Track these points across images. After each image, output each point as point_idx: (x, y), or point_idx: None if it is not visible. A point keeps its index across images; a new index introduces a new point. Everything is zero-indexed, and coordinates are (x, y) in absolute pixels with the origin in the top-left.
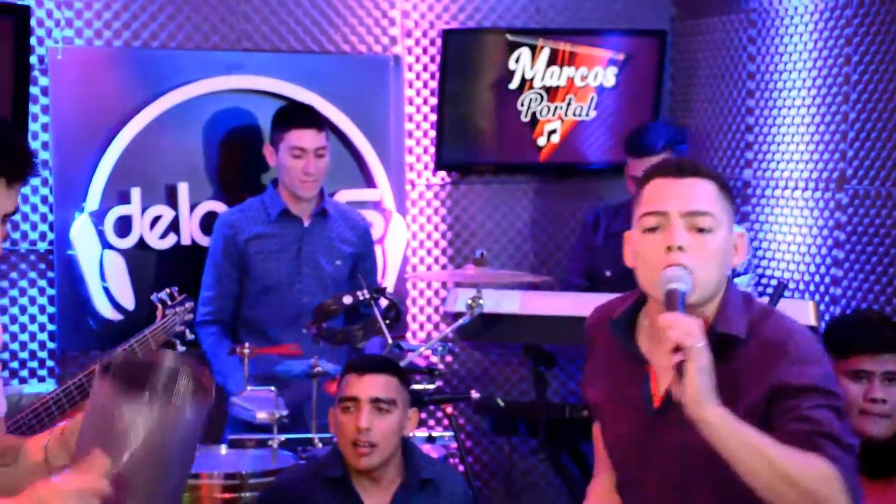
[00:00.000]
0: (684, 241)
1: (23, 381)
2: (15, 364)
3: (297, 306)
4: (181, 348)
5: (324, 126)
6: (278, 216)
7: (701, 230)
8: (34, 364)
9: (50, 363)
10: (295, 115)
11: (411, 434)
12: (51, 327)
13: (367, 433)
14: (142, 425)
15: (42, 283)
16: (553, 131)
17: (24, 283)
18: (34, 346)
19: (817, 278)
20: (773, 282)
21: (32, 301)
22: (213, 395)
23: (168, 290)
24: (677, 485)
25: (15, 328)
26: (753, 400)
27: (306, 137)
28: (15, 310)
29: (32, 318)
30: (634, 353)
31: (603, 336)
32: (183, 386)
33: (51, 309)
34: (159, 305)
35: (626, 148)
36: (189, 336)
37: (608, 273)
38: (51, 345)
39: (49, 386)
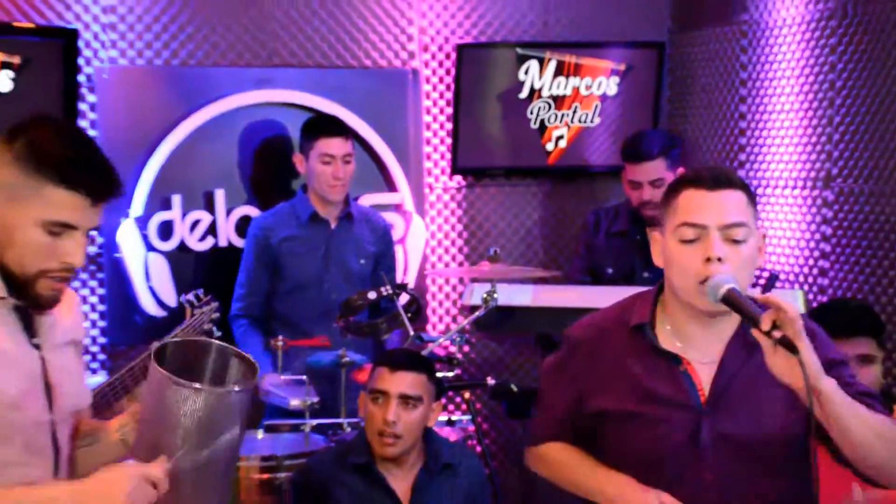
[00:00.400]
0: (723, 252)
1: None
2: None
3: (325, 302)
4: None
5: (350, 134)
6: (308, 219)
7: (736, 241)
8: (87, 357)
9: (101, 356)
10: (323, 125)
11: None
12: (101, 323)
13: (394, 426)
14: (194, 408)
15: (93, 283)
16: (560, 137)
17: (76, 284)
18: (87, 340)
19: (806, 269)
20: (766, 273)
21: (84, 300)
22: (258, 372)
23: (195, 293)
24: (732, 472)
25: None
26: None
27: (334, 145)
28: (81, 305)
29: (85, 316)
30: (666, 353)
31: (613, 345)
32: (231, 369)
33: (101, 307)
34: (188, 306)
35: (623, 154)
36: (217, 333)
37: (610, 270)
38: (101, 339)
39: (100, 377)
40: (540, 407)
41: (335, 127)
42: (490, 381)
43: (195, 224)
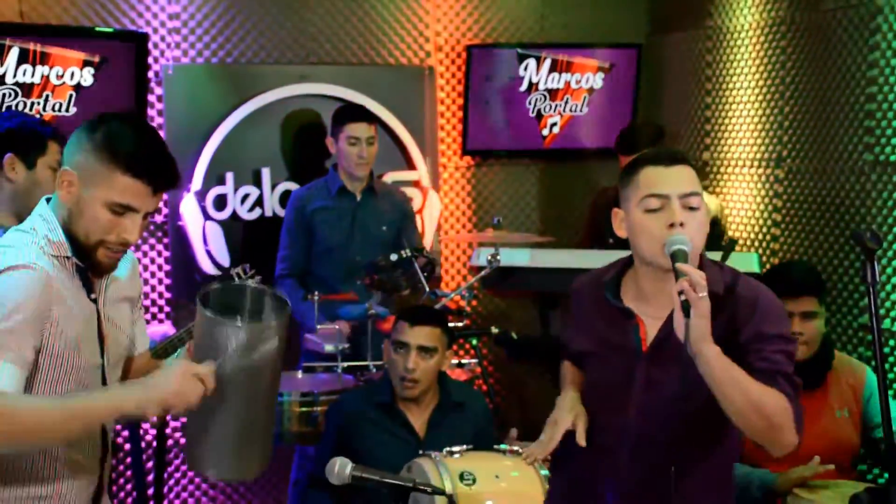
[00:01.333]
0: (683, 218)
1: (146, 323)
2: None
3: (351, 263)
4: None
5: (374, 120)
6: (337, 192)
7: (692, 208)
8: (155, 309)
9: (166, 309)
10: (351, 112)
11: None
12: (166, 281)
13: (413, 372)
14: (235, 339)
15: (160, 247)
16: (554, 124)
17: (146, 248)
18: (155, 295)
19: (760, 236)
20: (727, 238)
21: (152, 261)
22: (291, 308)
23: (243, 266)
24: (655, 414)
25: (139, 282)
26: (731, 344)
27: (360, 129)
28: (139, 268)
29: (153, 275)
30: (623, 308)
31: (589, 297)
32: (266, 305)
33: (166, 267)
34: (235, 277)
35: (617, 146)
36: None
37: (611, 241)
38: (167, 295)
39: (165, 326)
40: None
41: (361, 113)
42: (494, 330)
43: (245, 197)
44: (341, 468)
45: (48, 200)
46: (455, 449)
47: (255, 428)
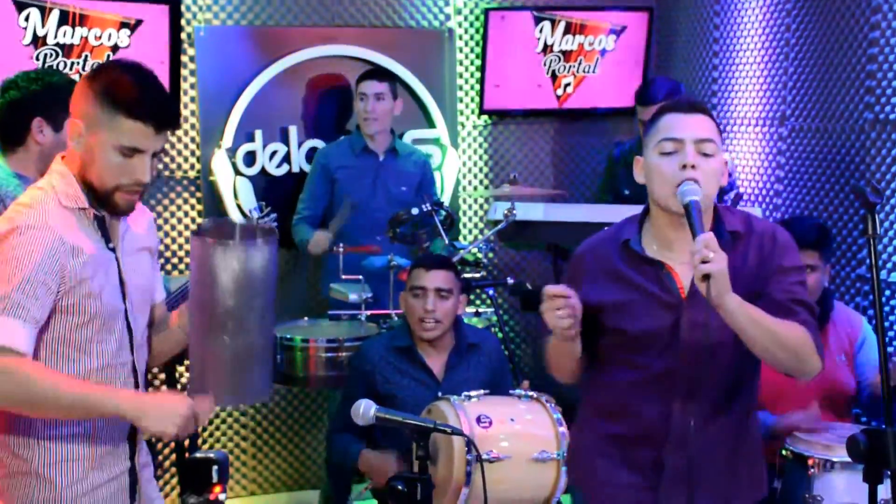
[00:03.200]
0: (696, 161)
1: (181, 272)
2: (175, 260)
3: (372, 218)
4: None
5: (385, 78)
6: (360, 151)
7: (706, 154)
8: (189, 259)
9: None
10: (364, 72)
11: (462, 311)
12: None
13: (432, 314)
14: (227, 263)
15: (192, 201)
16: (568, 84)
17: (180, 202)
18: (188, 246)
19: (764, 191)
20: (733, 193)
21: (186, 214)
22: (278, 234)
23: (259, 204)
24: (704, 357)
25: (175, 234)
26: (758, 275)
27: (368, 86)
28: (174, 220)
29: (186, 227)
30: (653, 260)
31: (606, 255)
32: (255, 232)
33: (199, 220)
34: (253, 216)
35: (636, 98)
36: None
37: (627, 192)
38: None
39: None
40: None
41: (371, 72)
42: (509, 280)
43: (273, 154)
44: (366, 410)
45: (63, 157)
46: (472, 393)
47: (250, 353)
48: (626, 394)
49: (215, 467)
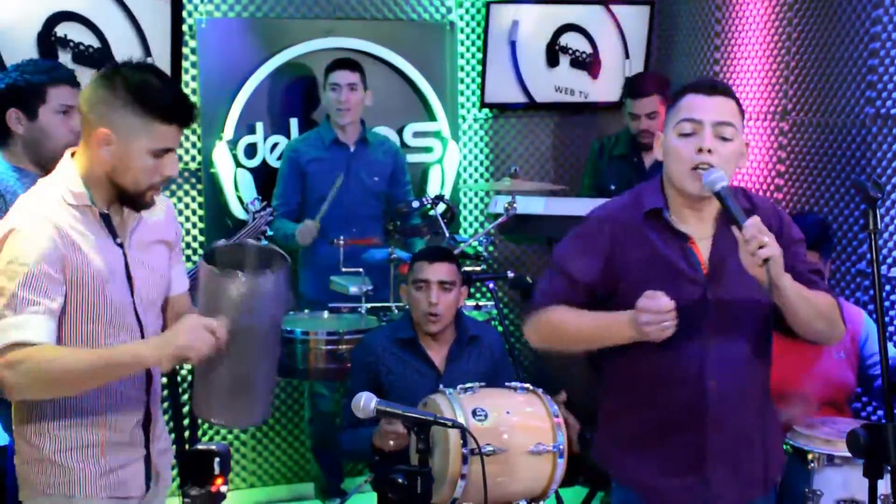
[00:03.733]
0: (713, 145)
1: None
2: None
3: (346, 211)
4: (263, 242)
5: (356, 68)
6: (330, 143)
7: (724, 139)
8: (189, 251)
9: (200, 250)
10: (334, 62)
11: (462, 304)
12: (200, 225)
13: (435, 307)
14: (236, 291)
15: (193, 193)
16: (569, 78)
17: (181, 193)
18: (189, 238)
19: (765, 185)
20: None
21: (187, 206)
22: (289, 263)
23: (256, 198)
24: (724, 329)
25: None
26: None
27: (340, 76)
28: (176, 212)
29: (187, 219)
30: (678, 232)
31: (632, 224)
32: (268, 254)
33: (200, 212)
34: (251, 210)
35: (625, 91)
36: (269, 232)
37: (612, 187)
38: (200, 238)
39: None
40: (551, 278)
41: (342, 62)
42: (510, 274)
43: (274, 146)
44: (366, 402)
45: (73, 154)
46: (468, 385)
47: (253, 379)
48: (658, 377)
49: (217, 459)
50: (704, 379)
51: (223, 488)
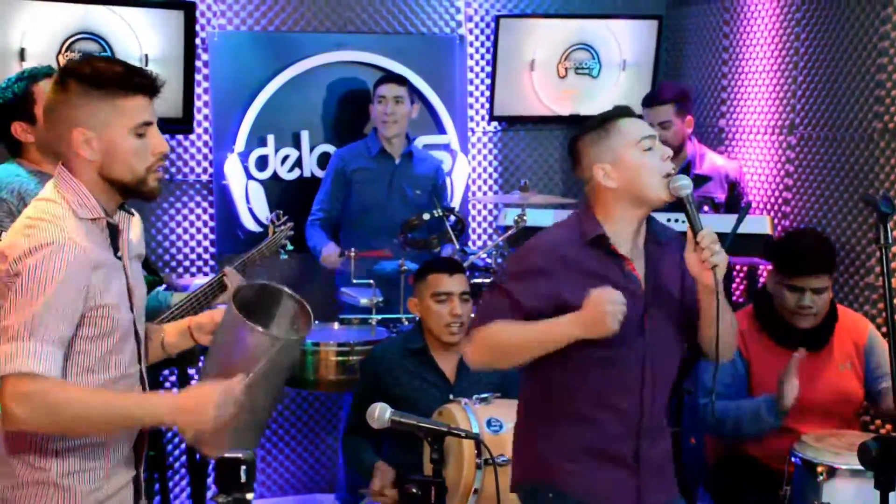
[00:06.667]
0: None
1: (192, 275)
2: (187, 263)
3: (387, 222)
4: (283, 256)
5: (402, 82)
6: (377, 154)
7: (664, 141)
8: (200, 263)
9: (211, 262)
10: (382, 76)
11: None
12: (211, 237)
13: (459, 318)
14: (266, 351)
15: (205, 204)
16: (578, 92)
17: (192, 205)
18: (200, 249)
19: (773, 199)
20: (743, 202)
21: (198, 217)
22: (313, 321)
23: (276, 213)
24: (661, 338)
25: (187, 237)
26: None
27: (386, 89)
28: (186, 224)
29: (198, 230)
30: (617, 256)
31: (574, 253)
32: (297, 319)
33: (211, 223)
34: (270, 225)
35: (645, 101)
36: (290, 247)
37: None
38: (211, 249)
39: (208, 279)
40: (492, 298)
41: (389, 76)
42: None
43: (285, 158)
44: (381, 413)
45: (62, 164)
46: (484, 396)
47: (257, 419)
48: (603, 391)
49: (243, 467)
50: (643, 390)
51: (248, 496)
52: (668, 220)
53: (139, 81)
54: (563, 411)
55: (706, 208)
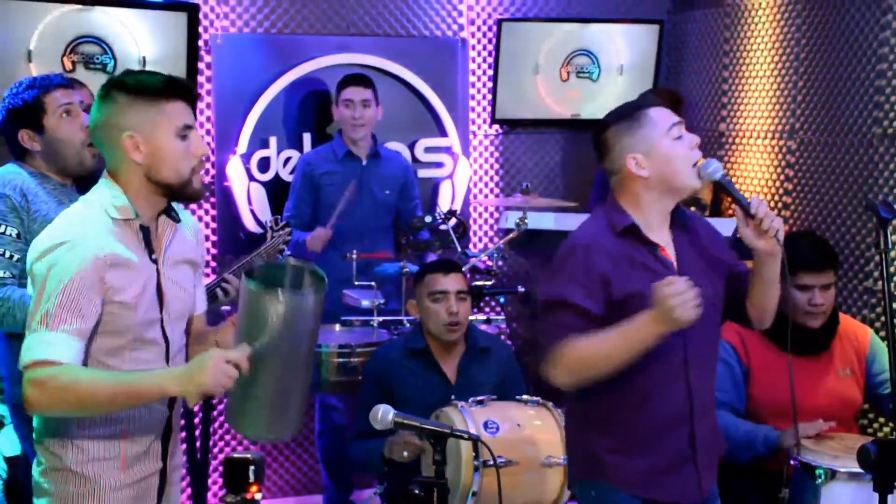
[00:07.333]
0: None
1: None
2: None
3: (358, 223)
4: (281, 260)
5: (370, 84)
6: (343, 157)
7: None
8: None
9: (213, 263)
10: (347, 78)
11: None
12: (213, 238)
13: (458, 315)
14: (275, 310)
15: (207, 206)
16: (579, 95)
17: (194, 206)
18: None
19: (773, 202)
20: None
21: (200, 219)
22: (327, 283)
23: (274, 218)
24: (697, 322)
25: None
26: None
27: (354, 92)
28: (203, 236)
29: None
30: (651, 244)
31: (611, 245)
32: (305, 280)
33: (213, 225)
34: (269, 230)
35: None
36: (287, 251)
37: None
38: (213, 250)
39: (208, 280)
40: (557, 317)
41: (355, 78)
42: (520, 288)
43: (287, 160)
44: (384, 414)
45: (109, 173)
46: (480, 398)
47: (290, 394)
48: (655, 383)
49: (252, 467)
50: (689, 373)
51: (257, 496)
52: None
53: (179, 87)
54: (613, 405)
55: (693, 209)
